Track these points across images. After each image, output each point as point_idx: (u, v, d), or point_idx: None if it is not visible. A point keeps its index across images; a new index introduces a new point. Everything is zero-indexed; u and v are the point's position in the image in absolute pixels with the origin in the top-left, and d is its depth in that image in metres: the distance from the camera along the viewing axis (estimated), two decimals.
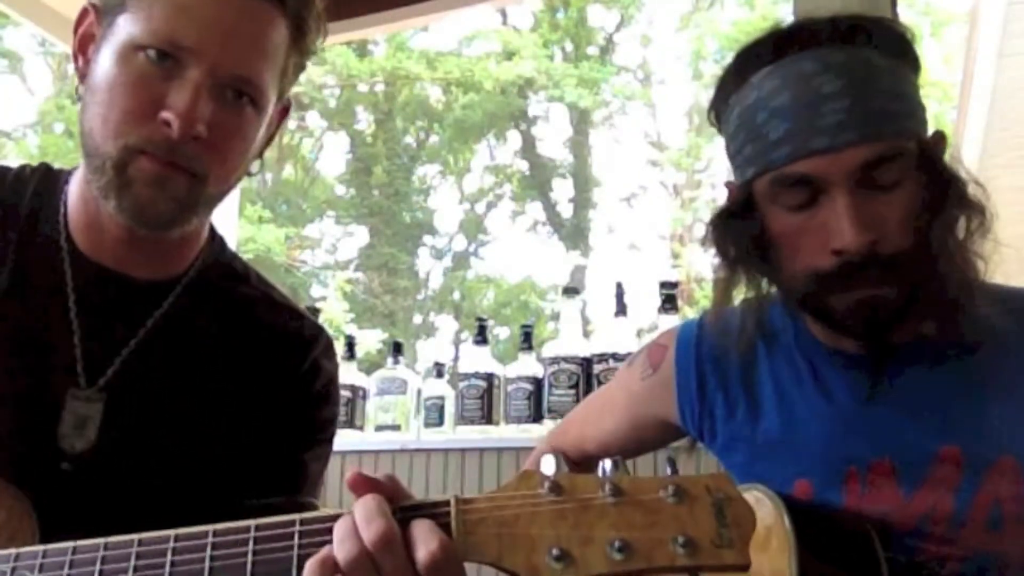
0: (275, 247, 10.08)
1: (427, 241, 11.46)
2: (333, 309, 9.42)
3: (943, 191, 0.93)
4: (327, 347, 1.05)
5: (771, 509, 0.90)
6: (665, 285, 2.01)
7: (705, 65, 10.72)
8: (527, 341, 2.16)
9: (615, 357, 1.98)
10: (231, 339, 0.99)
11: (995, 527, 0.92)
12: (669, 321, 1.94)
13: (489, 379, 2.14)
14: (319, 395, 1.03)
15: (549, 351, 2.07)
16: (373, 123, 11.65)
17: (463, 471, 2.08)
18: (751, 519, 0.59)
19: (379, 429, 2.27)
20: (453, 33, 11.02)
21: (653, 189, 11.17)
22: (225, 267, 1.04)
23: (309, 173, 11.72)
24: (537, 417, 2.06)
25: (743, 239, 1.00)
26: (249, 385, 0.98)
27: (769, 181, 0.95)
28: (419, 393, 2.28)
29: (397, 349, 2.38)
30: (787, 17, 1.60)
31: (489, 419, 2.12)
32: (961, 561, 0.92)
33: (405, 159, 11.57)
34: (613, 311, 2.07)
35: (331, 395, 1.05)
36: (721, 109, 1.02)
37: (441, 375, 2.29)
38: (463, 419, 2.14)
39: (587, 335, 2.10)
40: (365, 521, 0.61)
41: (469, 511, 0.62)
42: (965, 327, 0.95)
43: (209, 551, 0.66)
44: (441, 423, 2.19)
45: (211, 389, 0.96)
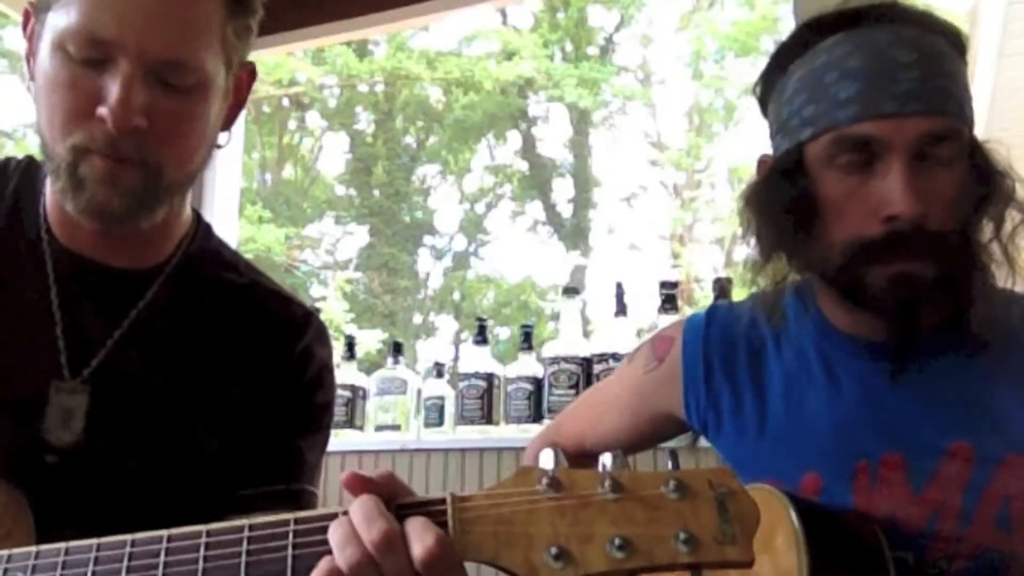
0: (275, 247, 10.08)
1: (427, 241, 11.48)
2: (333, 309, 9.41)
3: (990, 183, 0.95)
4: (320, 332, 1.03)
5: (776, 506, 0.89)
6: (665, 285, 2.00)
7: (705, 65, 10.74)
8: (527, 341, 2.15)
9: (615, 357, 1.97)
10: (219, 326, 0.98)
11: (1003, 525, 0.91)
12: (669, 321, 1.92)
13: (489, 379, 2.13)
14: (312, 381, 1.01)
15: (549, 351, 2.07)
16: (373, 123, 11.66)
17: (463, 471, 2.07)
18: (754, 514, 0.58)
19: (379, 429, 2.26)
20: (453, 33, 11.04)
21: (653, 189, 11.18)
22: (212, 254, 1.03)
23: (309, 173, 11.73)
24: (537, 417, 2.05)
25: (787, 201, 0.98)
26: (239, 372, 0.96)
27: (828, 141, 0.95)
28: (419, 393, 2.27)
29: (397, 349, 2.37)
30: (787, 17, 1.60)
31: (489, 419, 2.12)
32: (969, 559, 0.91)
33: (405, 159, 11.57)
34: (613, 311, 2.06)
35: (325, 380, 1.03)
36: (774, 78, 1.03)
37: (441, 375, 2.28)
38: (463, 419, 2.13)
39: (587, 335, 2.09)
40: (365, 523, 0.60)
41: (466, 508, 0.60)
42: (981, 324, 0.95)
43: (202, 551, 0.65)
44: (441, 423, 2.19)
45: (200, 378, 0.95)
